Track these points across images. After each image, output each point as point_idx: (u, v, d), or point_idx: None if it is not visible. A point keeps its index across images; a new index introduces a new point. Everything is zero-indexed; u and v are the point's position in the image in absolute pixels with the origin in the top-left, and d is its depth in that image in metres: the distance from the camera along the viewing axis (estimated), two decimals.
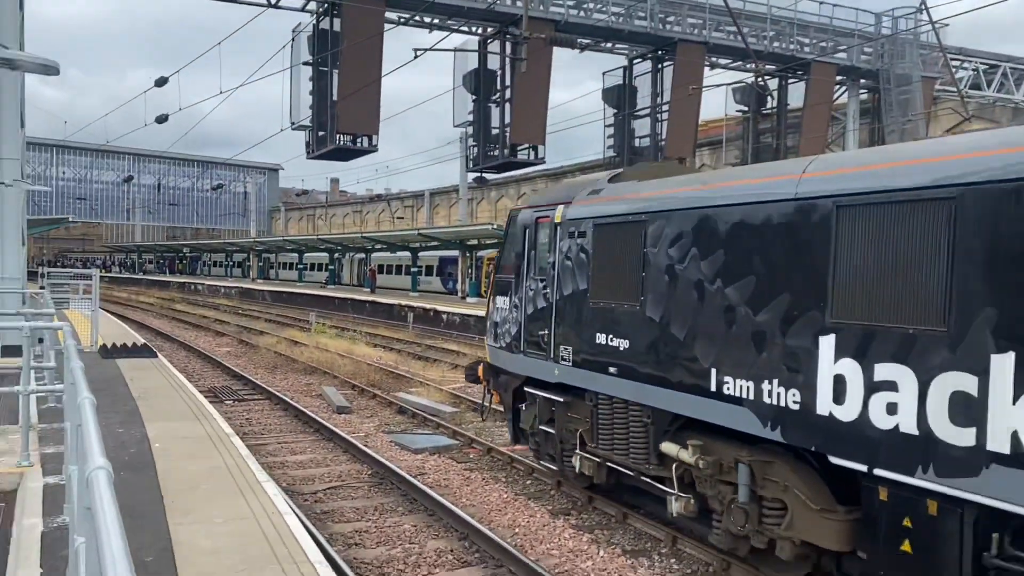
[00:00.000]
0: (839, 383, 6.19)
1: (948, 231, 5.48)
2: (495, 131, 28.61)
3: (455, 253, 46.18)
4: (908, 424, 5.68)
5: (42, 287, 24.40)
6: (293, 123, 25.57)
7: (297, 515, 7.40)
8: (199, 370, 21.58)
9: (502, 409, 12.02)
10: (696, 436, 7.84)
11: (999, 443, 5.10)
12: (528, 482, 11.33)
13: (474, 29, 28.22)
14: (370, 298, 42.73)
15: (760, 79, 30.22)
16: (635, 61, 31.20)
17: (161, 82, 26.43)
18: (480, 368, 12.32)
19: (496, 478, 11.47)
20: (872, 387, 5.95)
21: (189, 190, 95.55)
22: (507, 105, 27.82)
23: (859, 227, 6.13)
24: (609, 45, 30.57)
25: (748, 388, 7.04)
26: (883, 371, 5.87)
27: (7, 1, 18.28)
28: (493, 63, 28.37)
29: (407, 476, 10.83)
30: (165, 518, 6.84)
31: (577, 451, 9.77)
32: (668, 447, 8.11)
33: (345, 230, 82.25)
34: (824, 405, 6.32)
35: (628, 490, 9.53)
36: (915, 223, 5.74)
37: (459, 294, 44.35)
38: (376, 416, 15.97)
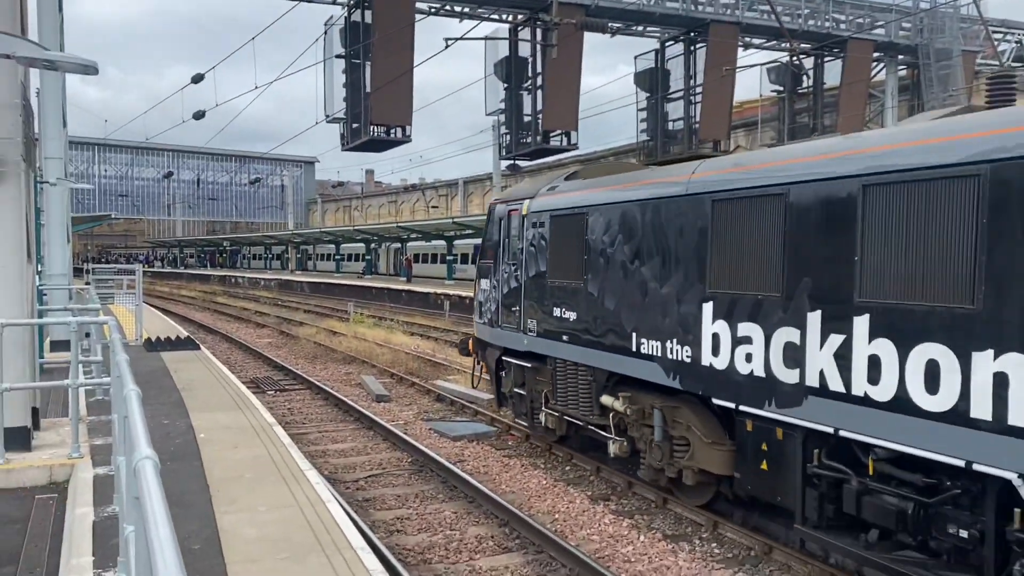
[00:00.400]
0: (715, 340, 8.01)
1: (783, 222, 7.20)
2: (527, 118, 28.54)
3: None
4: (759, 369, 7.47)
5: (87, 283, 24.94)
6: (328, 116, 25.75)
7: (339, 503, 7.51)
8: (241, 361, 21.93)
9: (488, 377, 13.67)
10: (626, 389, 9.64)
11: (812, 379, 6.87)
12: (567, 468, 11.36)
13: (504, 16, 28.15)
14: (406, 287, 42.99)
15: (795, 58, 29.73)
16: (667, 44, 30.86)
17: (197, 79, 26.76)
18: (470, 342, 14.14)
19: (535, 464, 11.52)
20: (736, 341, 7.74)
21: (228, 184, 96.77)
22: (539, 92, 27.73)
23: (726, 216, 7.89)
24: (640, 28, 30.27)
25: (657, 347, 8.89)
26: (743, 329, 7.67)
27: (47, 3, 18.62)
28: (524, 50, 28.28)
29: (447, 463, 10.93)
30: (211, 507, 6.98)
31: (543, 408, 11.57)
32: (606, 399, 9.95)
33: (381, 220, 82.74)
34: (707, 358, 8.12)
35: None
36: (763, 215, 7.45)
37: None
38: (415, 404, 16.11)
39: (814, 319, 6.86)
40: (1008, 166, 5.40)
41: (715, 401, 8.13)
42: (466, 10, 26.88)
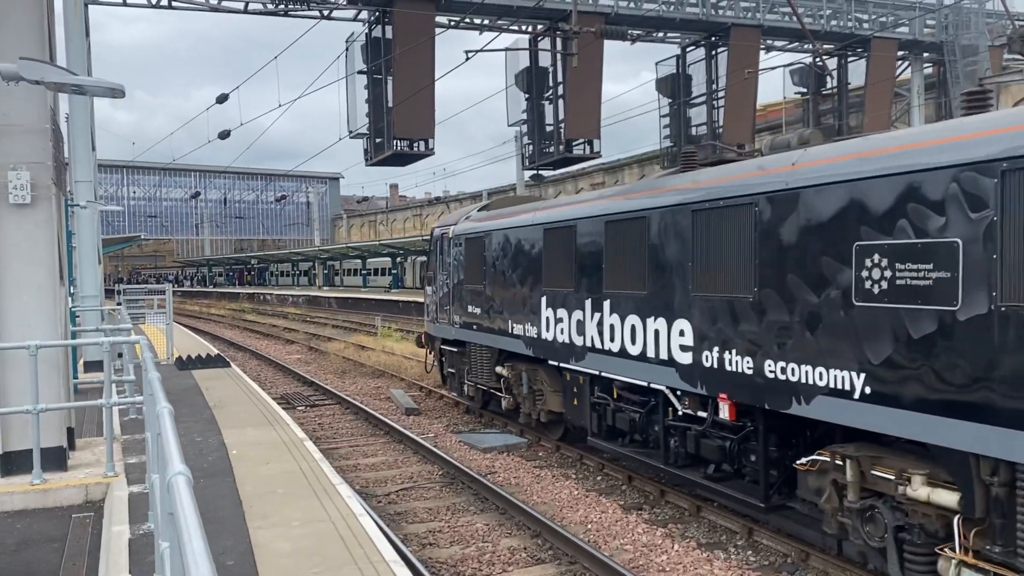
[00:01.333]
0: (547, 321, 11.78)
1: (573, 245, 10.96)
2: (549, 128, 28.55)
3: None
4: (567, 338, 11.24)
5: (119, 303, 25.25)
6: (351, 132, 25.90)
7: (371, 516, 7.51)
8: (271, 378, 22.08)
9: (439, 364, 17.20)
10: (509, 361, 13.65)
11: (588, 341, 10.61)
12: (599, 478, 11.29)
13: (524, 27, 28.23)
14: None
15: (818, 60, 29.49)
16: (688, 49, 30.77)
17: (222, 99, 27.08)
18: (423, 337, 17.97)
19: (566, 475, 11.46)
20: (557, 321, 11.50)
21: (254, 203, 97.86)
22: (560, 101, 27.75)
23: (551, 240, 11.67)
24: (661, 34, 30.22)
25: (521, 329, 12.64)
26: (559, 313, 11.42)
27: (75, 30, 18.97)
28: (544, 60, 28.32)
29: (477, 476, 10.90)
30: (245, 522, 7.01)
31: (465, 381, 15.41)
32: (499, 369, 13.94)
33: (406, 234, 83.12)
34: (544, 334, 11.90)
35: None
36: (562, 240, 11.31)
37: None
38: (444, 416, 16.10)
39: (587, 303, 10.72)
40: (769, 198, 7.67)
41: (550, 362, 11.97)
42: (485, 22, 26.98)
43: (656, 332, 9.20)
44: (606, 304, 10.20)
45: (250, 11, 24.45)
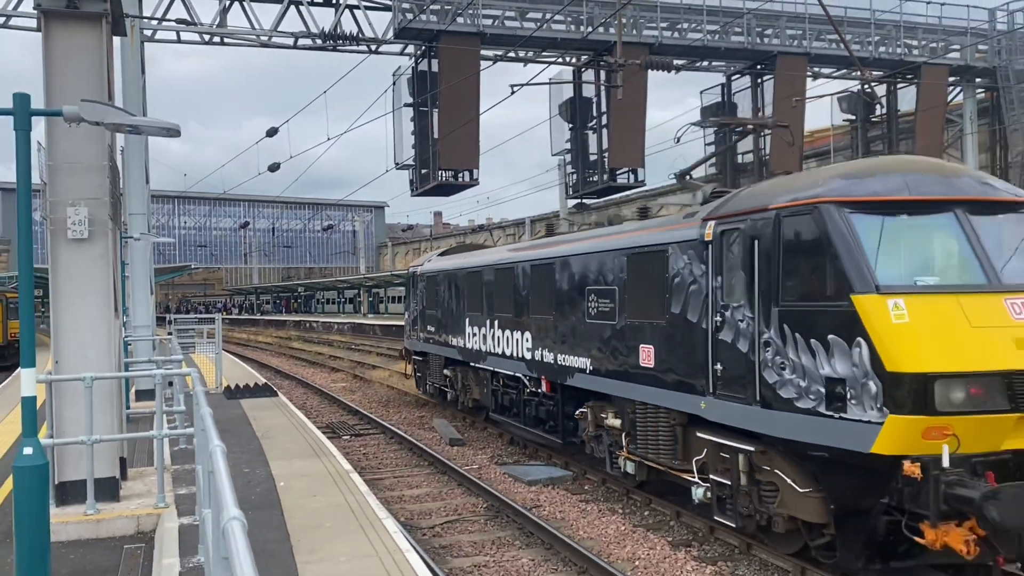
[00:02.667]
0: (469, 334, 16.43)
1: (481, 282, 16.04)
2: (593, 157, 28.59)
3: None
4: (478, 346, 16.06)
5: (170, 333, 25.73)
6: (397, 163, 26.24)
7: (418, 552, 7.47)
8: (317, 407, 22.24)
9: (414, 371, 22.03)
10: (452, 365, 18.28)
11: (488, 348, 15.49)
12: (646, 513, 11.12)
13: (568, 59, 28.41)
14: None
15: (867, 86, 29.12)
16: (733, 77, 30.66)
17: (272, 132, 27.64)
18: (403, 351, 22.84)
19: (612, 509, 11.30)
20: (473, 335, 16.23)
21: (301, 232, 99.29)
22: (604, 131, 27.80)
23: (469, 280, 16.73)
24: (706, 63, 30.18)
25: (457, 341, 17.31)
26: (474, 329, 16.18)
27: (132, 68, 19.55)
28: (588, 90, 28.45)
29: (522, 509, 10.80)
30: (292, 557, 7.03)
31: (427, 382, 20.29)
32: (446, 371, 18.63)
33: None
34: (468, 344, 16.54)
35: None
36: (473, 280, 16.53)
37: None
38: (488, 447, 16.03)
39: (487, 323, 15.58)
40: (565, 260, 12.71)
41: (471, 364, 16.74)
42: (530, 54, 27.22)
43: (517, 340, 14.36)
44: (496, 323, 15.28)
45: (299, 47, 25.00)
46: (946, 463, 6.35)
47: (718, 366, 8.67)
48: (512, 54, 26.34)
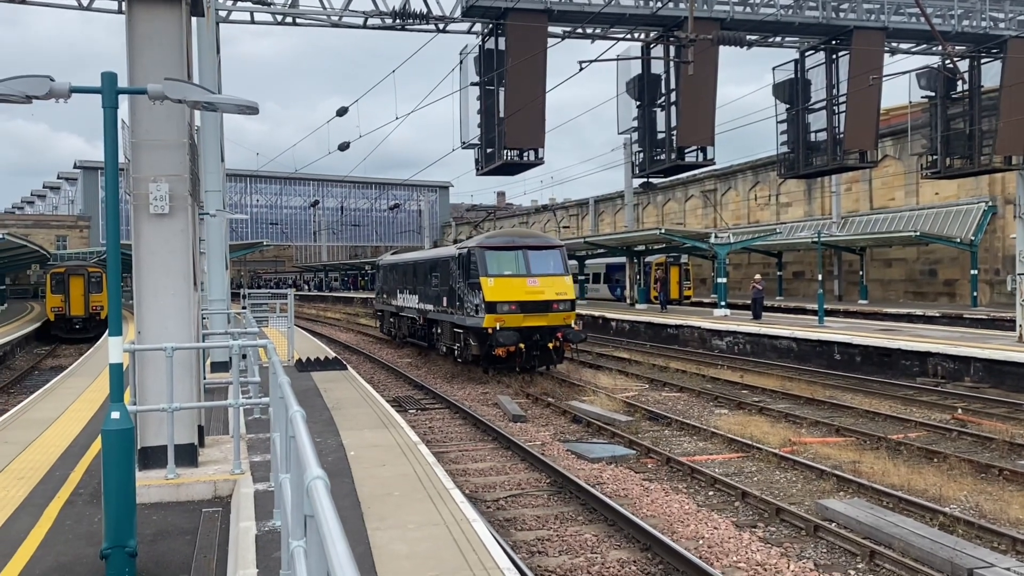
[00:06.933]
0: (401, 298, 30.41)
1: (413, 272, 28.78)
2: (661, 135, 28.19)
3: (622, 260, 45.92)
4: (402, 303, 30.24)
5: (243, 307, 26.48)
6: (463, 143, 26.33)
7: (484, 523, 7.61)
8: (384, 381, 22.67)
9: (379, 321, 36.83)
10: (391, 316, 32.96)
11: (404, 304, 30.64)
12: (710, 492, 11.09)
13: (637, 35, 28.03)
14: None
15: (948, 62, 28.03)
16: (807, 53, 29.82)
17: (342, 112, 28.07)
18: (374, 311, 38.27)
19: (676, 488, 11.30)
20: (400, 298, 30.60)
21: (368, 211, 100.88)
22: (672, 108, 27.39)
23: (400, 269, 31.01)
24: (778, 39, 29.42)
25: (395, 302, 31.33)
26: (400, 295, 30.69)
27: (207, 50, 20.03)
28: (656, 67, 28.02)
29: (586, 485, 10.88)
30: (363, 523, 7.24)
31: (384, 327, 34.74)
32: (391, 320, 33.04)
33: None
34: (397, 302, 31.08)
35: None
36: (406, 271, 29.92)
37: (627, 300, 44.05)
38: (551, 425, 16.15)
39: (405, 292, 29.46)
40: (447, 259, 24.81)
41: (400, 314, 30.38)
42: (598, 31, 26.95)
43: (413, 300, 27.61)
44: (407, 291, 28.75)
45: (369, 26, 25.23)
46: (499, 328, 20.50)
47: (456, 302, 22.30)
48: (580, 31, 26.11)
